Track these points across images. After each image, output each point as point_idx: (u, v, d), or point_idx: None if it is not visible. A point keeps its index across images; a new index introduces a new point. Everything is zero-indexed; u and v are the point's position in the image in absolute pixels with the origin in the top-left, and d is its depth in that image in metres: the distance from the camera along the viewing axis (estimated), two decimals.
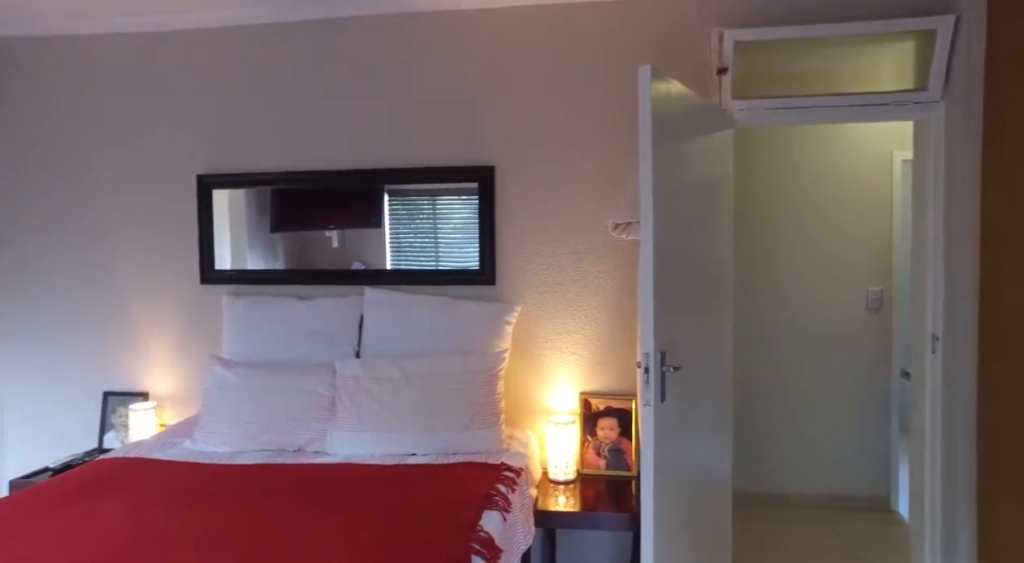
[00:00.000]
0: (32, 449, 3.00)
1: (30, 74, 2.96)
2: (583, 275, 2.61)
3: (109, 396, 2.88)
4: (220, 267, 2.83)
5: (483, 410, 2.28)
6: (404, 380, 2.31)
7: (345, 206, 2.79)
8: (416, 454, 2.21)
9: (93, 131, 2.91)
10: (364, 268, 2.76)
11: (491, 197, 2.63)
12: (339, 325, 2.58)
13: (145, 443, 2.41)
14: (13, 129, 2.98)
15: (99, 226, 2.92)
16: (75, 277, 2.94)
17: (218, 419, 2.34)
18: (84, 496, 1.87)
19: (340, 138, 2.75)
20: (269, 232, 2.87)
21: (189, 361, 2.86)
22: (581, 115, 2.58)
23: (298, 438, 2.28)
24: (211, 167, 2.83)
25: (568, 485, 2.44)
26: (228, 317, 2.68)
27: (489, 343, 2.48)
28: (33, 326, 2.99)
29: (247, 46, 2.79)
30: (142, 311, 2.90)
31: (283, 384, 2.36)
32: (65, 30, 2.88)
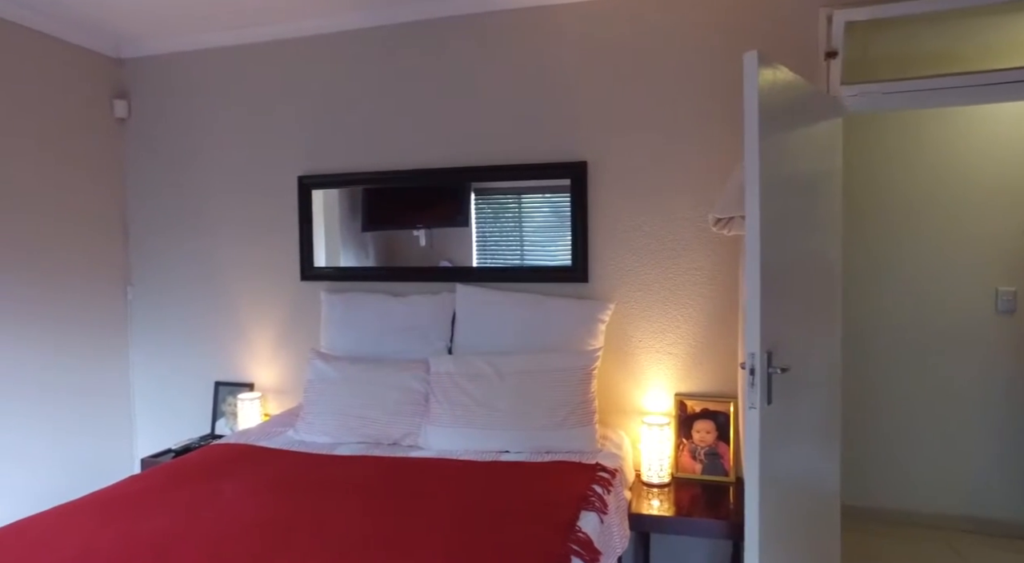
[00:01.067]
0: (157, 431, 3.26)
1: (157, 89, 3.20)
2: (679, 272, 2.53)
3: (220, 386, 3.08)
4: (318, 265, 2.95)
5: (577, 409, 2.25)
6: (497, 377, 2.32)
7: (432, 206, 2.84)
8: (509, 452, 2.21)
9: (207, 138, 3.12)
10: (455, 265, 2.79)
11: (584, 193, 2.59)
12: (432, 321, 2.63)
13: (252, 431, 2.54)
14: (144, 140, 3.24)
15: (212, 226, 3.12)
16: (192, 274, 3.16)
17: (319, 411, 2.43)
18: (205, 478, 1.99)
19: (431, 137, 2.80)
20: (361, 231, 2.96)
21: (290, 354, 3.00)
22: (678, 106, 2.50)
23: (393, 432, 2.33)
24: (311, 168, 2.96)
25: (662, 489, 2.37)
26: (326, 313, 2.79)
27: (582, 341, 2.45)
28: (159, 319, 3.24)
29: (343, 51, 2.89)
30: (248, 306, 3.07)
31: (379, 379, 2.43)
32: (184, 47, 3.10)
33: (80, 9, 2.74)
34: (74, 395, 3.00)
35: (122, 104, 3.21)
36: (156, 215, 3.23)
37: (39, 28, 2.83)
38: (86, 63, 3.07)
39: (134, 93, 3.24)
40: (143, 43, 3.14)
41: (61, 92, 2.96)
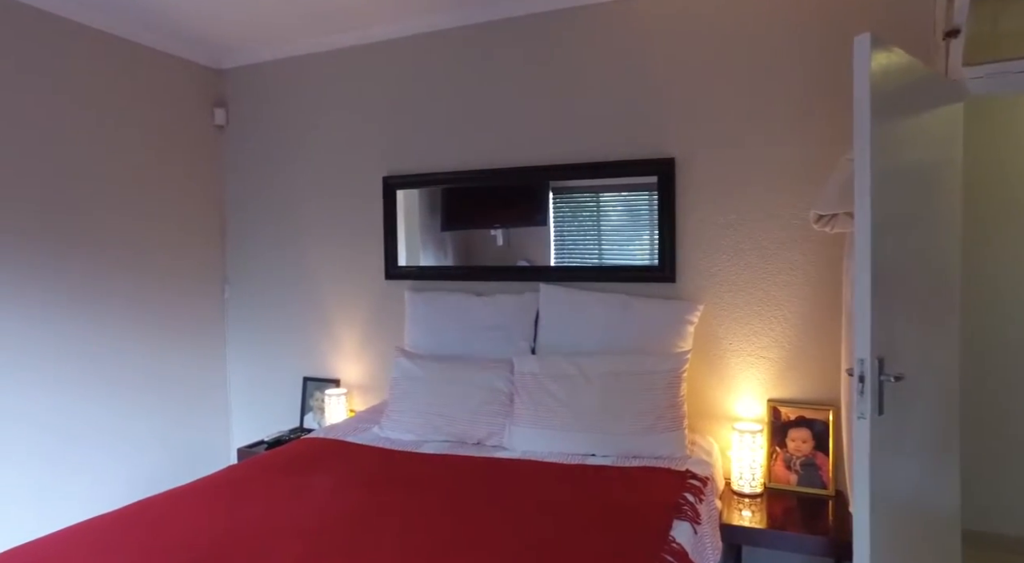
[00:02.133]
0: (250, 422, 3.42)
1: (252, 97, 3.36)
2: (773, 272, 2.40)
3: (308, 381, 3.19)
4: (402, 264, 3.01)
5: (666, 413, 2.17)
6: (582, 378, 2.27)
7: (510, 205, 2.83)
8: (595, 455, 2.16)
9: (298, 142, 3.24)
10: (533, 265, 2.77)
11: (671, 191, 2.51)
12: (515, 321, 2.61)
13: (339, 427, 2.61)
14: (240, 146, 3.41)
15: (302, 227, 3.24)
16: (283, 273, 3.30)
17: (404, 409, 2.47)
18: (297, 470, 2.06)
19: (511, 136, 2.79)
20: (440, 231, 2.99)
21: (374, 352, 3.07)
22: (774, 96, 2.37)
23: (478, 431, 2.33)
24: (395, 169, 3.01)
25: (754, 499, 2.25)
26: (410, 311, 2.83)
27: (670, 343, 2.37)
28: (253, 316, 3.40)
29: (426, 52, 2.93)
30: (335, 304, 3.17)
31: (464, 378, 2.44)
32: (276, 55, 3.24)
33: (186, 24, 2.91)
34: (177, 386, 3.19)
35: (221, 112, 3.39)
36: (250, 217, 3.39)
37: (149, 44, 3.02)
38: (190, 75, 3.26)
39: (232, 101, 3.41)
40: (240, 54, 3.30)
41: (167, 102, 3.15)
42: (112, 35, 2.88)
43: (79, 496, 2.74)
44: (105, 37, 2.86)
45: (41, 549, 1.53)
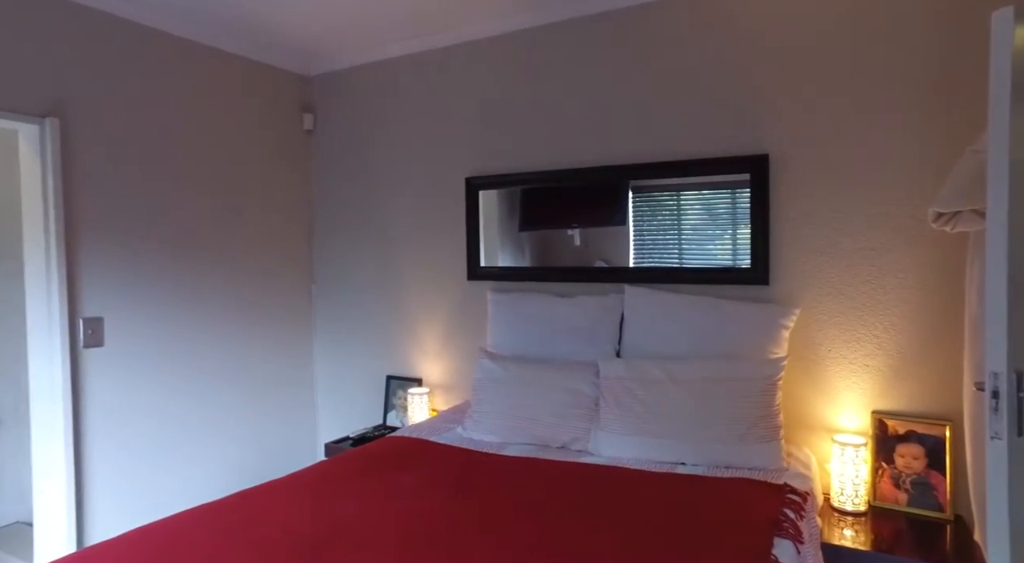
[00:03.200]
0: (336, 418, 3.52)
1: (338, 101, 3.46)
2: (879, 274, 2.24)
3: (391, 379, 3.25)
4: (483, 264, 3.01)
5: (761, 422, 2.06)
6: (671, 383, 2.20)
7: (588, 204, 2.78)
8: (685, 464, 2.08)
9: (383, 144, 3.31)
10: (611, 265, 2.71)
11: (764, 189, 2.38)
12: (599, 323, 2.56)
13: (423, 426, 2.64)
14: (327, 149, 3.52)
15: (386, 227, 3.31)
16: (368, 273, 3.37)
17: (487, 410, 2.46)
18: (384, 469, 2.08)
19: (593, 135, 2.74)
20: (518, 231, 2.97)
21: (456, 352, 3.09)
22: (885, 85, 2.20)
23: (562, 435, 2.30)
24: (477, 170, 3.02)
25: (857, 518, 2.10)
26: (492, 312, 2.83)
27: (763, 348, 2.25)
28: (339, 315, 3.50)
29: (507, 53, 2.92)
30: (418, 304, 3.21)
31: (547, 380, 2.41)
32: (362, 60, 3.32)
33: (279, 35, 3.03)
34: (269, 383, 3.33)
35: (309, 117, 3.51)
36: (337, 218, 3.49)
37: (242, 54, 3.17)
38: (281, 82, 3.40)
39: (319, 106, 3.52)
40: (328, 60, 3.41)
41: (261, 109, 3.29)
42: (212, 47, 3.03)
43: (184, 481, 2.90)
44: (207, 50, 3.01)
45: (157, 532, 1.62)
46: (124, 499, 2.68)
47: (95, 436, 2.59)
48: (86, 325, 2.57)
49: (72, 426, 2.51)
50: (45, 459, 2.51)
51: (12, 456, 3.25)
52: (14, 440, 3.24)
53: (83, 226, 2.56)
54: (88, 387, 2.58)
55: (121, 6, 2.65)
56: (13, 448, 3.25)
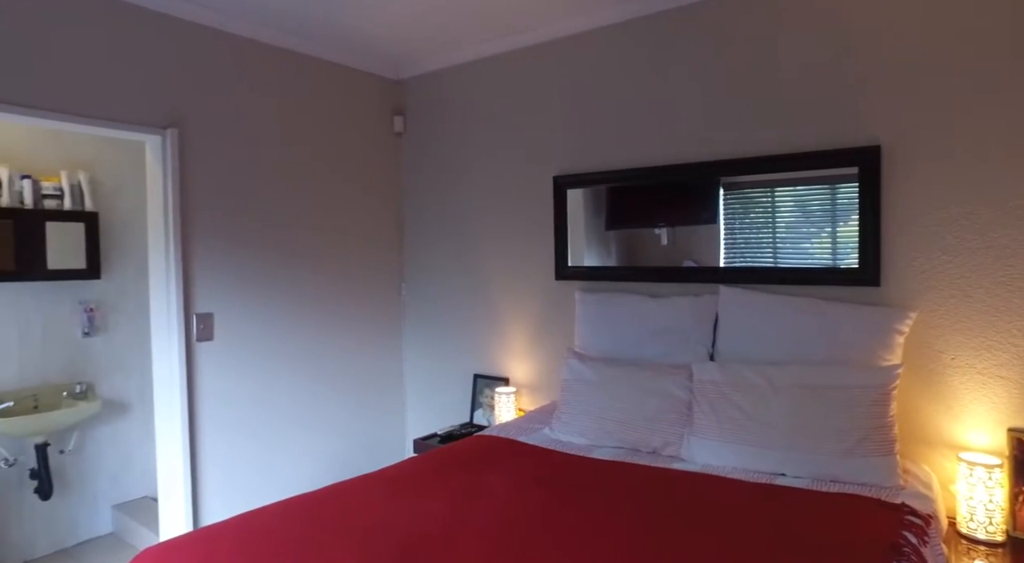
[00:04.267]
0: (424, 415, 3.61)
1: (427, 103, 3.54)
2: (1015, 276, 2.01)
3: (478, 378, 3.28)
4: (571, 264, 2.97)
5: (872, 434, 1.91)
6: (770, 389, 2.08)
7: (676, 202, 2.69)
8: (785, 475, 1.96)
9: (471, 145, 3.35)
10: (700, 265, 2.60)
11: (875, 183, 2.20)
12: (692, 325, 2.46)
13: (510, 425, 2.64)
14: (417, 151, 3.61)
15: (474, 227, 3.34)
16: (456, 272, 3.42)
17: (575, 411, 2.43)
18: (473, 467, 2.10)
19: (683, 131, 2.65)
20: (604, 230, 2.91)
21: (543, 352, 3.08)
22: (1012, 60, 1.98)
23: (653, 439, 2.23)
24: (565, 168, 2.99)
25: (992, 548, 1.90)
26: (580, 312, 2.79)
27: (873, 354, 2.09)
28: (427, 313, 3.58)
29: (593, 49, 2.87)
30: (505, 303, 3.22)
31: (638, 383, 2.34)
32: (450, 62, 3.37)
33: (368, 40, 3.13)
34: (361, 379, 3.45)
35: (399, 119, 3.60)
36: (426, 218, 3.56)
37: (338, 61, 3.29)
38: (373, 86, 3.51)
39: (409, 109, 3.61)
40: (417, 63, 3.48)
41: (355, 114, 3.42)
42: (310, 56, 3.18)
43: (282, 467, 3.07)
44: (305, 59, 3.16)
45: (261, 519, 1.71)
46: (230, 480, 2.87)
47: (206, 422, 2.79)
48: (198, 320, 2.76)
49: (187, 413, 2.70)
50: (166, 442, 2.72)
51: (140, 438, 3.55)
52: (141, 424, 3.55)
53: (196, 228, 2.75)
54: (201, 378, 2.77)
55: (230, 22, 2.82)
56: (140, 431, 3.55)
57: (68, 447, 3.27)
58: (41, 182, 3.16)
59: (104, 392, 3.41)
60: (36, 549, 3.18)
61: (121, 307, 3.49)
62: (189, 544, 1.61)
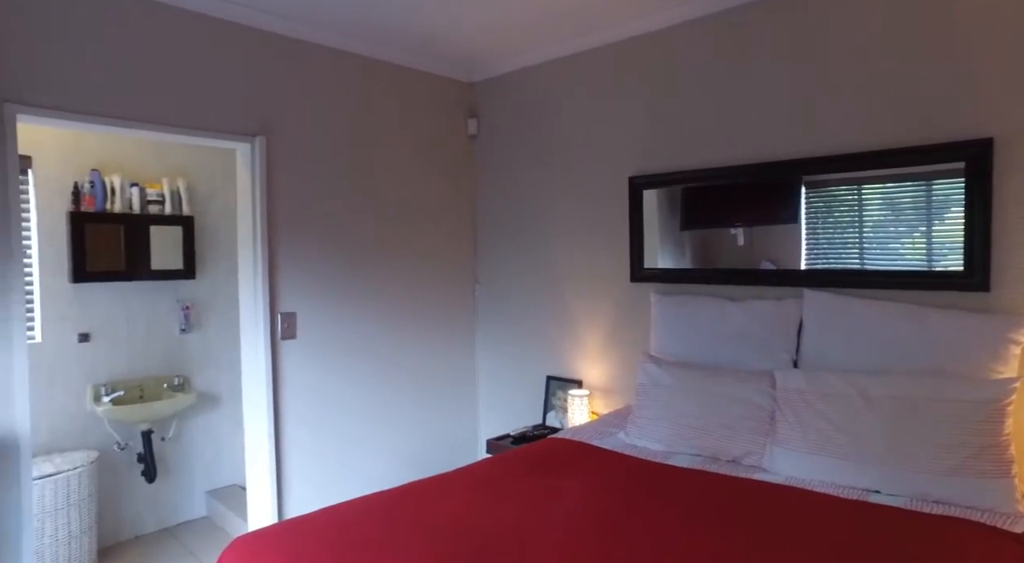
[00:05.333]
0: (496, 415, 3.63)
1: (500, 105, 3.56)
2: None
3: (551, 380, 3.27)
4: (647, 266, 2.91)
5: (984, 453, 1.76)
6: (862, 400, 1.95)
7: (753, 201, 2.58)
8: (880, 492, 1.84)
9: (544, 146, 3.34)
10: (779, 267, 2.47)
11: (986, 179, 2.03)
12: (774, 330, 2.36)
13: (584, 429, 2.61)
14: (490, 152, 3.64)
15: (547, 228, 3.33)
16: (529, 273, 3.42)
17: (651, 416, 2.38)
18: (548, 471, 2.09)
19: (763, 129, 2.53)
20: (679, 230, 2.83)
21: (618, 355, 3.03)
22: None
23: (733, 448, 2.14)
24: (641, 169, 2.93)
25: None
26: (657, 315, 2.73)
27: (983, 366, 1.92)
28: (500, 314, 3.60)
29: (670, 46, 2.80)
30: (579, 305, 3.19)
31: (717, 389, 2.26)
32: (523, 64, 3.37)
33: (443, 45, 3.17)
34: (434, 376, 3.51)
35: (473, 122, 3.64)
36: (499, 219, 3.58)
37: (411, 65, 3.36)
38: (447, 90, 3.56)
39: (482, 111, 3.64)
40: (490, 66, 3.50)
41: (430, 117, 3.48)
42: (386, 62, 3.26)
43: (358, 462, 3.17)
44: (381, 65, 3.24)
45: (341, 514, 1.77)
46: (311, 471, 2.99)
47: (290, 417, 2.91)
48: (283, 319, 2.89)
49: (273, 408, 2.84)
50: (254, 434, 2.87)
51: (229, 430, 3.77)
52: (230, 416, 3.76)
53: (281, 231, 2.88)
54: (285, 374, 2.90)
55: (315, 33, 2.93)
56: (229, 423, 3.76)
57: (168, 435, 3.51)
58: (146, 189, 3.40)
59: (198, 385, 3.64)
60: (144, 526, 3.45)
61: (213, 305, 3.70)
62: (277, 534, 1.69)
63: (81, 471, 2.98)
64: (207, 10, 2.61)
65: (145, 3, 2.46)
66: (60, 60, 2.28)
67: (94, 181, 3.22)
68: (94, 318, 3.28)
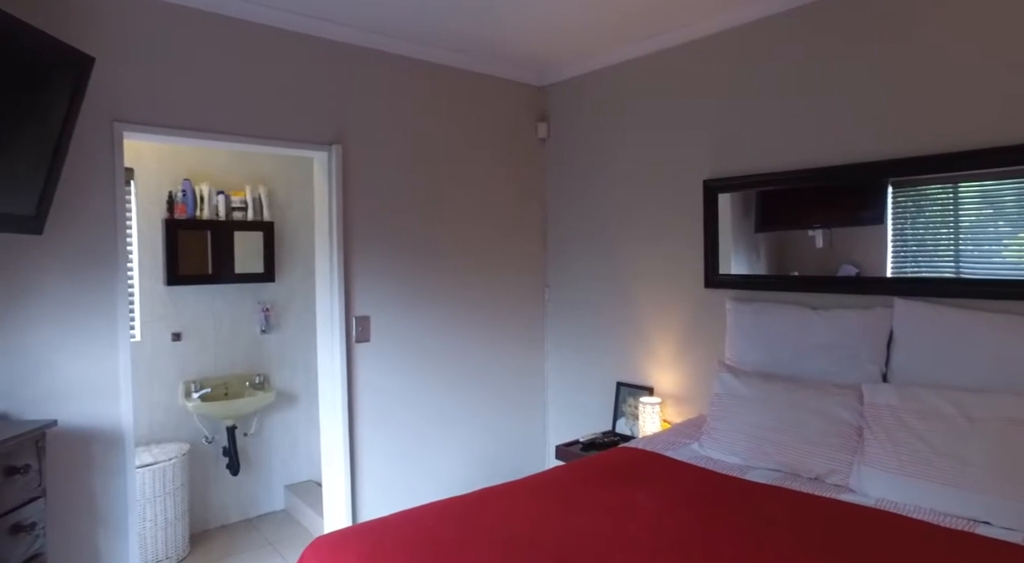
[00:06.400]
0: (564, 420, 3.62)
1: (570, 109, 3.54)
2: None
3: (621, 386, 3.22)
4: (723, 271, 2.82)
5: None
6: (964, 420, 1.82)
7: (833, 201, 2.45)
8: (990, 523, 1.70)
9: (614, 149, 3.29)
10: (862, 274, 2.33)
11: None
12: (861, 341, 2.23)
13: (657, 438, 2.56)
14: (560, 156, 3.63)
15: (618, 232, 3.28)
16: (599, 277, 3.39)
17: (727, 428, 2.30)
18: (621, 482, 2.06)
19: (846, 129, 2.41)
20: (754, 232, 2.72)
21: (691, 362, 2.95)
22: None
23: (816, 465, 2.05)
24: (716, 171, 2.84)
25: None
26: (732, 322, 2.64)
27: None
28: (569, 318, 3.58)
29: (746, 45, 2.70)
30: (650, 310, 3.13)
31: (799, 401, 2.17)
32: (592, 67, 3.34)
33: (513, 49, 3.18)
34: (503, 379, 3.53)
35: (543, 126, 3.63)
36: (569, 223, 3.56)
37: (481, 70, 3.38)
38: (517, 94, 3.57)
39: (552, 115, 3.63)
40: (560, 69, 3.49)
41: (501, 121, 3.50)
42: (457, 68, 3.30)
43: (429, 463, 3.23)
44: (453, 71, 3.29)
45: (418, 518, 1.80)
46: (383, 470, 3.07)
47: (364, 417, 3.00)
48: (357, 323, 2.97)
49: (348, 408, 2.93)
50: (330, 433, 2.96)
51: (304, 428, 3.92)
52: (306, 414, 3.91)
53: (355, 236, 2.96)
54: (359, 376, 2.98)
55: (388, 43, 3.00)
56: (305, 421, 3.91)
57: (250, 431, 3.68)
58: (231, 196, 3.58)
59: (276, 384, 3.80)
60: (229, 516, 3.64)
61: (290, 307, 3.86)
62: (356, 535, 1.74)
63: (175, 462, 3.17)
64: (287, 25, 2.72)
65: (229, 22, 2.59)
66: (158, 81, 2.43)
67: (186, 190, 3.42)
68: (185, 318, 3.48)
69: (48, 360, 2.22)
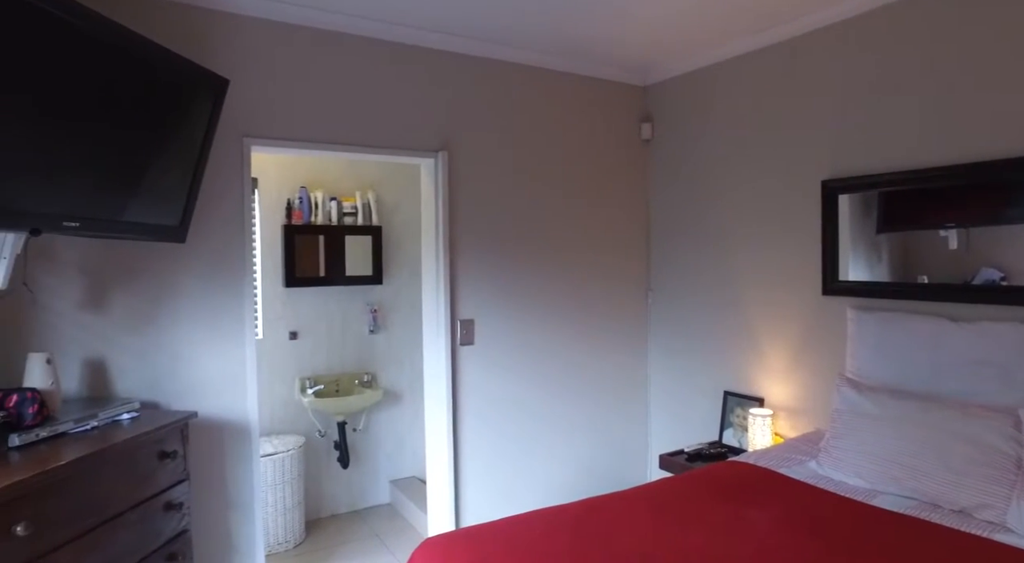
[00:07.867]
0: (667, 428, 3.52)
1: (675, 108, 3.43)
2: None
3: (728, 396, 3.08)
4: (843, 278, 2.62)
5: None
6: None
7: (970, 197, 2.20)
8: None
9: (722, 149, 3.16)
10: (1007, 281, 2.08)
11: None
12: (1017, 358, 2.00)
13: (769, 454, 2.42)
14: (664, 157, 3.53)
15: (726, 235, 3.15)
16: (706, 282, 3.26)
17: (849, 447, 2.14)
18: (732, 498, 1.96)
19: (987, 121, 2.16)
20: (875, 233, 2.50)
21: (806, 374, 2.77)
22: None
23: (960, 497, 1.85)
24: (836, 171, 2.65)
25: None
26: (854, 333, 2.45)
27: None
28: (674, 323, 3.48)
29: (866, 34, 2.48)
30: (761, 317, 2.97)
31: (937, 423, 1.97)
32: (698, 64, 3.22)
33: (616, 50, 3.12)
34: (605, 385, 3.48)
35: (647, 126, 3.54)
36: (673, 226, 3.45)
37: (584, 73, 3.35)
38: (620, 95, 3.50)
39: (657, 115, 3.53)
40: (664, 68, 3.39)
41: (604, 122, 3.45)
42: (561, 72, 3.28)
43: (530, 466, 3.24)
44: (556, 75, 3.27)
45: (523, 526, 1.80)
46: (485, 470, 3.11)
47: (467, 418, 3.05)
48: (462, 326, 3.03)
49: (452, 409, 2.99)
50: (435, 433, 3.05)
51: (408, 426, 4.05)
52: (410, 412, 4.04)
53: (460, 240, 3.02)
54: (463, 378, 3.04)
55: (494, 49, 3.04)
56: (409, 419, 4.05)
57: (359, 426, 3.86)
58: (342, 202, 3.77)
59: (383, 382, 3.95)
60: (338, 507, 3.84)
61: (396, 308, 4.00)
62: (465, 539, 1.76)
63: (293, 453, 3.38)
64: (395, 37, 2.81)
65: (342, 38, 2.71)
66: (280, 97, 2.59)
67: (302, 197, 3.63)
68: (300, 318, 3.70)
69: (188, 356, 2.43)
